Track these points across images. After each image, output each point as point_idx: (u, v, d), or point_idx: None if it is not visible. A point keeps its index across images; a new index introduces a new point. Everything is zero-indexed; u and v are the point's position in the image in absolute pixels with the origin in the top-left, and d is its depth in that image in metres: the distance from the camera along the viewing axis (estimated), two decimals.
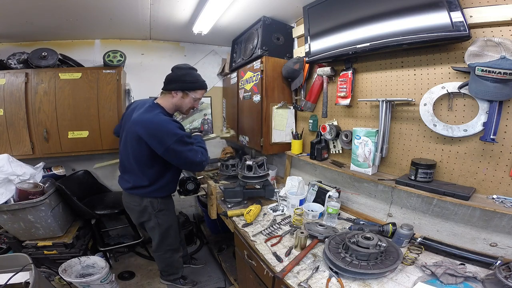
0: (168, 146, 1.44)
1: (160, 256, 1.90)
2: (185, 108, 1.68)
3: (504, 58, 0.96)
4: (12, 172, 1.81)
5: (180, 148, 1.46)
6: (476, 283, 0.99)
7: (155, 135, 1.44)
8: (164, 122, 1.47)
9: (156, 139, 1.44)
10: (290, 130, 2.15)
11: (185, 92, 1.60)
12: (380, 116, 1.38)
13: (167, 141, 1.43)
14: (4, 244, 1.97)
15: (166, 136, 1.43)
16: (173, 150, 1.45)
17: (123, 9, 1.90)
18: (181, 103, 1.64)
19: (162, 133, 1.44)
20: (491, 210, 1.03)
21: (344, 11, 1.50)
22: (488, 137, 1.04)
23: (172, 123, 1.50)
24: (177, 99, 1.61)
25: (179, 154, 1.48)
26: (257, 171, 1.88)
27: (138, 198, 1.68)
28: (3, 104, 2.02)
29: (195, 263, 2.45)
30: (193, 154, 1.52)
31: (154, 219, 1.72)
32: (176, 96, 1.60)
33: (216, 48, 3.01)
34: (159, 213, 1.72)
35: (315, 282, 1.06)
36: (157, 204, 1.70)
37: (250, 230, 1.53)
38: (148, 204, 1.67)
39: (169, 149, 1.45)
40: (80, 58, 2.37)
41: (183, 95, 1.61)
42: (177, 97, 1.61)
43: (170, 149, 1.45)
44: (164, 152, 1.47)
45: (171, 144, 1.43)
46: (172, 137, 1.43)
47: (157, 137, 1.44)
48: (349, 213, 1.70)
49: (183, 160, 1.51)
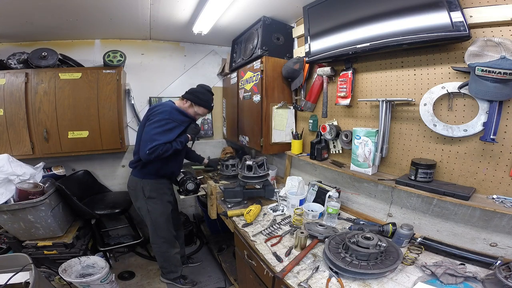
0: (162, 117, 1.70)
1: (157, 248, 2.00)
2: (189, 113, 1.94)
3: (504, 58, 0.96)
4: (12, 172, 1.81)
5: (171, 125, 1.73)
6: (476, 283, 0.99)
7: (158, 108, 1.76)
8: (173, 107, 1.81)
9: (156, 111, 1.75)
10: (290, 130, 2.15)
11: (191, 104, 1.91)
12: (380, 116, 1.38)
13: (160, 115, 1.71)
14: (4, 244, 1.97)
15: (164, 112, 1.73)
16: (156, 121, 1.69)
17: (123, 9, 1.90)
18: (187, 108, 1.91)
19: (163, 108, 1.76)
20: (491, 210, 1.03)
21: (344, 11, 1.50)
22: (488, 137, 1.04)
23: (178, 113, 1.80)
24: (187, 105, 1.91)
25: (162, 124, 1.69)
26: (257, 171, 1.88)
27: (135, 180, 1.87)
28: (3, 104, 2.02)
29: (192, 261, 2.46)
30: (158, 137, 1.66)
31: (145, 205, 1.88)
32: (185, 103, 1.91)
33: (216, 48, 3.02)
34: (149, 200, 1.87)
35: (315, 282, 1.06)
36: (148, 190, 1.85)
37: (250, 230, 1.53)
38: (140, 188, 1.85)
39: (161, 119, 1.70)
40: (80, 58, 2.37)
41: (190, 105, 1.91)
42: (186, 104, 1.91)
43: (162, 120, 1.70)
44: (154, 118, 1.71)
45: (161, 116, 1.71)
46: (165, 114, 1.73)
47: (157, 110, 1.75)
48: (349, 213, 1.70)
49: (148, 132, 1.69)
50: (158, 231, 1.94)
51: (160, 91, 2.84)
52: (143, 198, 1.86)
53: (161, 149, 1.66)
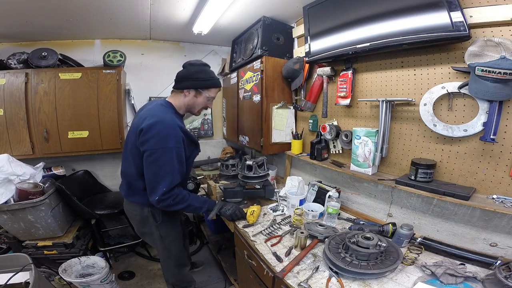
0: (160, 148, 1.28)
1: (169, 271, 1.70)
2: (197, 108, 1.54)
3: (504, 58, 0.96)
4: (12, 172, 1.81)
5: (170, 156, 1.30)
6: (476, 283, 0.99)
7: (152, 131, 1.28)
8: (171, 123, 1.32)
9: (150, 135, 1.28)
10: (290, 130, 2.15)
11: (198, 91, 1.46)
12: (380, 116, 1.38)
13: (163, 143, 1.28)
14: (4, 244, 1.97)
15: (165, 137, 1.29)
16: (160, 156, 1.28)
17: (123, 9, 1.90)
18: (193, 103, 1.50)
19: (162, 131, 1.28)
20: (491, 210, 1.03)
21: (344, 11, 1.50)
22: (488, 137, 1.04)
23: (179, 130, 1.34)
24: (189, 98, 1.47)
25: (162, 161, 1.29)
26: (257, 171, 1.88)
27: (138, 206, 1.50)
28: (3, 104, 2.02)
29: (196, 265, 2.44)
30: (170, 171, 1.31)
31: (156, 231, 1.53)
32: (188, 95, 1.46)
33: (216, 48, 3.02)
34: (161, 225, 1.52)
35: (315, 282, 1.06)
36: (159, 215, 1.49)
37: (250, 230, 1.52)
38: (149, 214, 1.48)
39: (156, 150, 1.28)
40: (80, 58, 2.37)
41: (196, 94, 1.47)
42: (189, 96, 1.46)
43: (157, 150, 1.28)
44: (148, 151, 1.29)
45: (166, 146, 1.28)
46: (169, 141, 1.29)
47: (152, 134, 1.28)
48: (349, 213, 1.70)
49: (157, 170, 1.30)
50: (171, 255, 1.62)
51: (160, 91, 2.84)
52: (154, 223, 1.51)
53: (173, 198, 1.35)
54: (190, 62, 1.51)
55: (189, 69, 1.47)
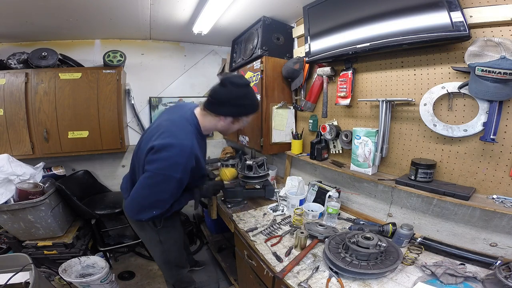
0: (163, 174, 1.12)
1: (167, 272, 1.66)
2: (230, 132, 1.39)
3: (504, 58, 0.96)
4: (12, 172, 1.81)
5: (170, 185, 1.15)
6: (476, 283, 0.99)
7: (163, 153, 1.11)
8: (188, 152, 1.14)
9: (159, 156, 1.12)
10: (290, 130, 2.15)
11: (235, 119, 1.28)
12: (380, 116, 1.38)
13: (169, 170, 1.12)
14: (4, 244, 1.97)
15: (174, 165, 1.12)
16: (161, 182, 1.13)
17: (123, 9, 1.90)
18: (228, 128, 1.33)
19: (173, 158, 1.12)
20: (491, 210, 1.03)
21: (344, 11, 1.50)
22: (488, 137, 1.04)
23: (193, 160, 1.18)
24: (225, 124, 1.28)
25: (160, 187, 1.15)
26: (257, 171, 1.88)
27: None
28: (3, 104, 2.02)
29: (199, 264, 2.43)
30: (166, 198, 1.19)
31: (156, 236, 1.44)
32: (224, 121, 1.27)
33: (216, 48, 3.02)
34: (162, 230, 1.44)
35: (315, 282, 1.06)
36: (159, 221, 1.41)
37: (250, 230, 1.52)
38: (150, 223, 1.41)
39: (158, 174, 1.13)
40: (80, 58, 2.37)
41: (233, 120, 1.28)
42: (225, 122, 1.27)
43: (159, 175, 1.13)
44: (150, 172, 1.14)
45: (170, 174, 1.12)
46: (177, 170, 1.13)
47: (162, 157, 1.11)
48: (349, 213, 1.70)
49: (154, 195, 1.16)
50: (170, 258, 1.56)
51: (160, 91, 2.84)
52: (153, 229, 1.42)
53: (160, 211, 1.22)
54: (232, 80, 1.21)
55: (231, 92, 1.20)
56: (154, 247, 1.53)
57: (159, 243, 1.48)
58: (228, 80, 1.20)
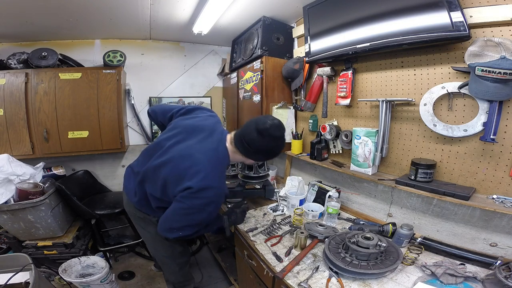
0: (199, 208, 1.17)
1: (169, 269, 1.67)
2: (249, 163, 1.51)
3: (504, 58, 0.96)
4: (12, 172, 1.81)
5: (202, 215, 1.21)
6: (476, 283, 0.99)
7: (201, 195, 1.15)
8: (222, 193, 1.23)
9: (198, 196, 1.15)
10: (290, 130, 2.15)
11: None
12: (380, 116, 1.38)
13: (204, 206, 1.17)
14: (4, 244, 1.97)
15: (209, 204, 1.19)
16: (195, 213, 1.19)
17: (123, 9, 1.90)
18: (252, 162, 1.52)
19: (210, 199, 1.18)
20: (491, 210, 1.03)
21: (344, 11, 1.50)
22: (488, 137, 1.04)
23: (223, 198, 1.29)
24: (252, 162, 1.44)
25: (192, 216, 1.20)
26: (257, 171, 1.88)
27: (144, 213, 1.46)
28: (3, 104, 2.02)
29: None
30: (194, 225, 1.25)
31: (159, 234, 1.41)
32: (251, 161, 1.40)
33: (216, 48, 3.01)
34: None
35: (315, 282, 1.06)
36: None
37: (250, 230, 1.52)
38: (152, 219, 1.44)
39: (193, 208, 1.18)
40: (80, 58, 2.37)
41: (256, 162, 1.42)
42: (249, 160, 1.38)
43: (194, 209, 1.18)
44: (186, 205, 1.18)
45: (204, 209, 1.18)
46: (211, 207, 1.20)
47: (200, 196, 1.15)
48: (349, 213, 1.70)
49: (183, 220, 1.22)
50: (175, 255, 1.59)
51: (160, 91, 2.84)
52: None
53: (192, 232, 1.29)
54: (271, 132, 1.21)
55: (268, 143, 1.25)
56: (159, 242, 1.53)
57: (164, 238, 1.48)
58: (267, 132, 1.21)
